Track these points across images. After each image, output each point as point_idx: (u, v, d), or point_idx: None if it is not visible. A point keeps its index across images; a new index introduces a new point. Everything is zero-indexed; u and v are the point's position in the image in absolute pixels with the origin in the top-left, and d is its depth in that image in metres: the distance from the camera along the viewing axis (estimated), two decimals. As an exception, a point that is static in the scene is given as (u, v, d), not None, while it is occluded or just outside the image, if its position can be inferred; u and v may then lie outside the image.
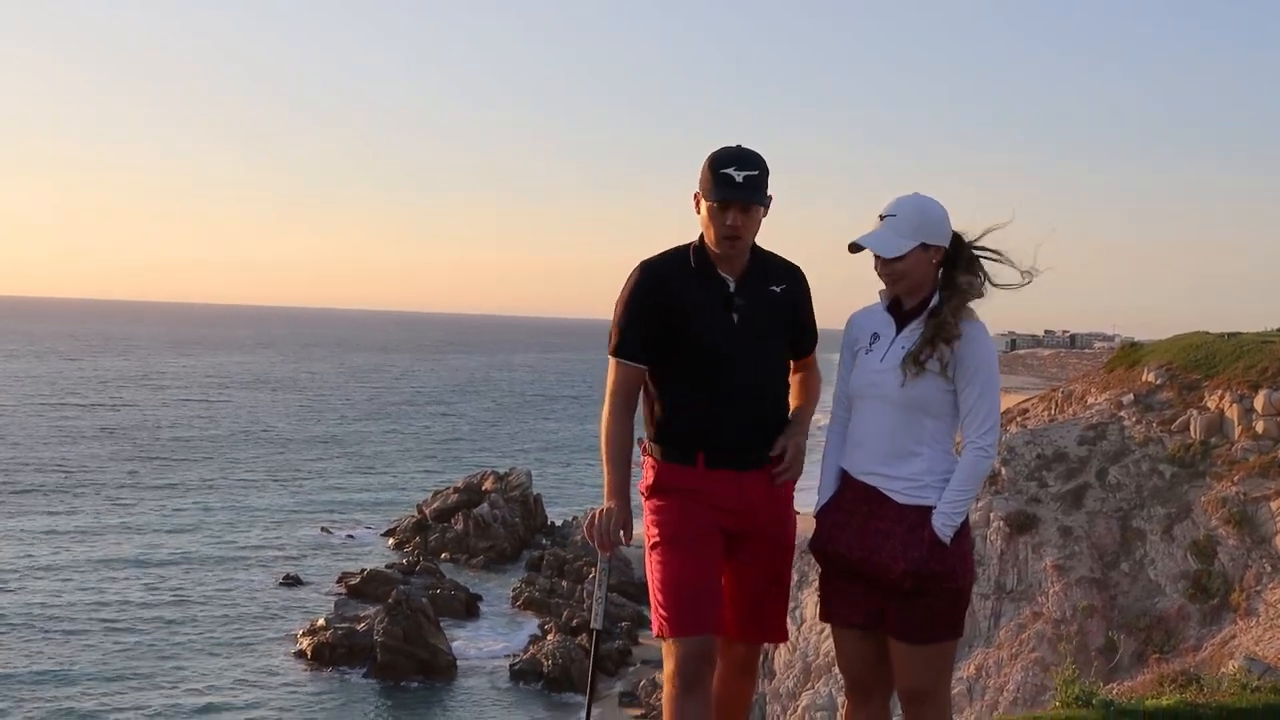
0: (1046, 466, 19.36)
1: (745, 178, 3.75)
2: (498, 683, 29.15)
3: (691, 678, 3.81)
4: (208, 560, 39.65)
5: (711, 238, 3.85)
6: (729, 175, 3.75)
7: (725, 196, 3.75)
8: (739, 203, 3.76)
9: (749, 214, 3.80)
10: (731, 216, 3.77)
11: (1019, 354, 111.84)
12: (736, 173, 3.74)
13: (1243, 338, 21.28)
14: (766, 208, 3.86)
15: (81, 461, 57.82)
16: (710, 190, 3.77)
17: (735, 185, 3.75)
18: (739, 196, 3.75)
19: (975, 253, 3.79)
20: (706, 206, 3.81)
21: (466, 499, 44.01)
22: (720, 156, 3.78)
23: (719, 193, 3.75)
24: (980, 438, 3.65)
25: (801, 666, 18.89)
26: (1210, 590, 16.58)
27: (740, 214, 3.78)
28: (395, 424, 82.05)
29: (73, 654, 29.45)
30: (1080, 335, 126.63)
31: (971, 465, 3.66)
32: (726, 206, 3.77)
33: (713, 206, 3.78)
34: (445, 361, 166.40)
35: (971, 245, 3.79)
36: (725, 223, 3.77)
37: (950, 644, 3.76)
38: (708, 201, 3.80)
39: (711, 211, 3.79)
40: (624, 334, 3.91)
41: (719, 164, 3.77)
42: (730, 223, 3.77)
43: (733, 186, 3.74)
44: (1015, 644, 17.11)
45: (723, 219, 3.78)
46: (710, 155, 3.81)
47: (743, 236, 3.82)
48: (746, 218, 3.80)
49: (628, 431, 3.95)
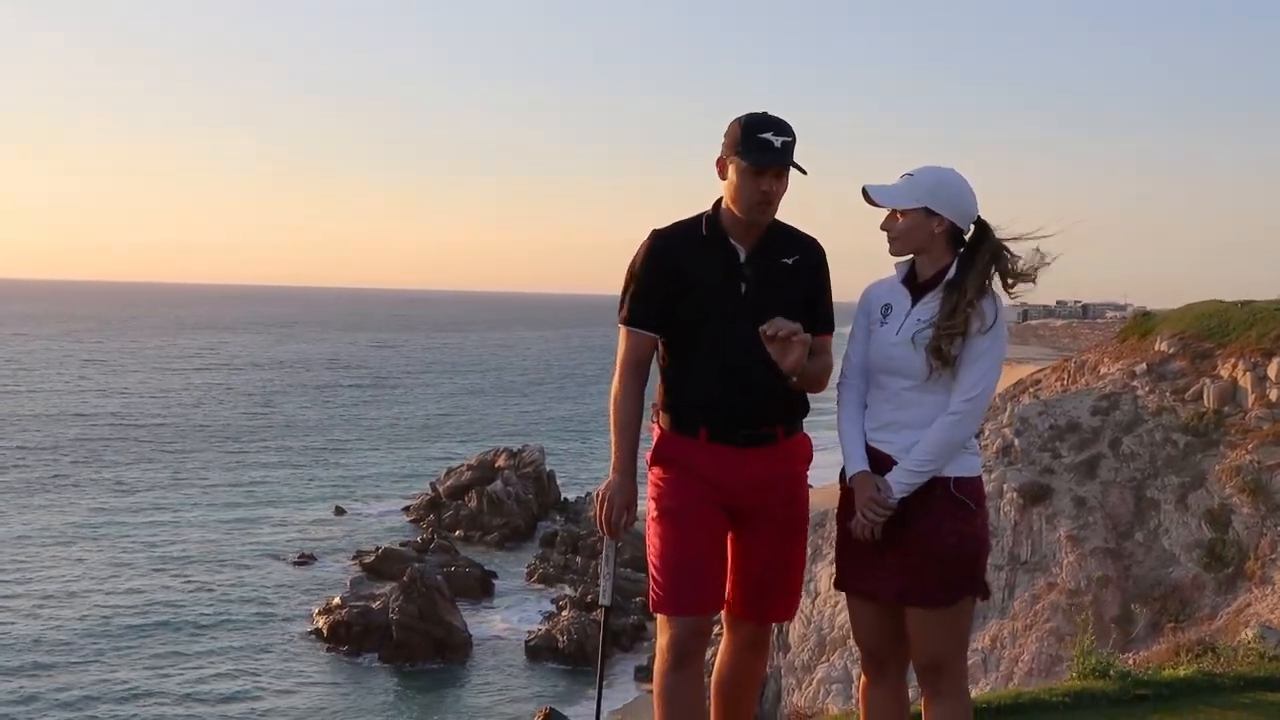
0: (1060, 437, 19.30)
1: (783, 143, 3.67)
2: (513, 659, 29.26)
3: (684, 654, 3.79)
4: (222, 540, 39.79)
5: (740, 203, 3.74)
6: (767, 140, 3.66)
7: (763, 161, 3.67)
8: (777, 167, 3.69)
9: (781, 180, 3.73)
10: (767, 182, 3.70)
11: (1031, 324, 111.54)
12: (775, 138, 3.66)
13: (1256, 305, 21.14)
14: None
15: (91, 443, 57.99)
16: (747, 153, 3.67)
17: (774, 150, 3.66)
18: (778, 160, 3.67)
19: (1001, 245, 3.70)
20: (739, 169, 3.70)
21: (480, 476, 44.08)
22: (756, 121, 3.69)
23: (756, 157, 3.66)
24: (962, 404, 3.60)
25: (816, 640, 18.91)
26: (1225, 559, 16.54)
27: (775, 180, 3.71)
28: (407, 402, 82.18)
29: (87, 634, 29.61)
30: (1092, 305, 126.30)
31: (940, 429, 3.61)
32: (763, 171, 3.69)
33: (747, 170, 3.68)
34: (457, 339, 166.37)
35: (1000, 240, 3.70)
36: (760, 188, 3.70)
37: (967, 614, 3.75)
38: (742, 163, 3.69)
39: (745, 175, 3.69)
40: (633, 303, 3.86)
41: (756, 128, 3.68)
42: (765, 188, 3.70)
43: (771, 151, 3.66)
44: (1030, 615, 17.11)
45: (758, 184, 3.69)
46: (742, 119, 3.71)
47: (774, 203, 3.75)
48: (779, 184, 3.72)
49: (637, 403, 3.88)
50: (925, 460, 3.61)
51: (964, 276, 3.65)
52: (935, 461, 3.61)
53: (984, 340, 3.60)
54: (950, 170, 3.71)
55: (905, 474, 3.62)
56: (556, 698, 26.39)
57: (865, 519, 3.64)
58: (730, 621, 4.02)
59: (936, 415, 3.64)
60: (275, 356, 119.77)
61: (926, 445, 3.61)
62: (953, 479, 3.65)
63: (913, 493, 3.64)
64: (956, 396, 3.62)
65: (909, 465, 3.62)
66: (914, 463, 3.62)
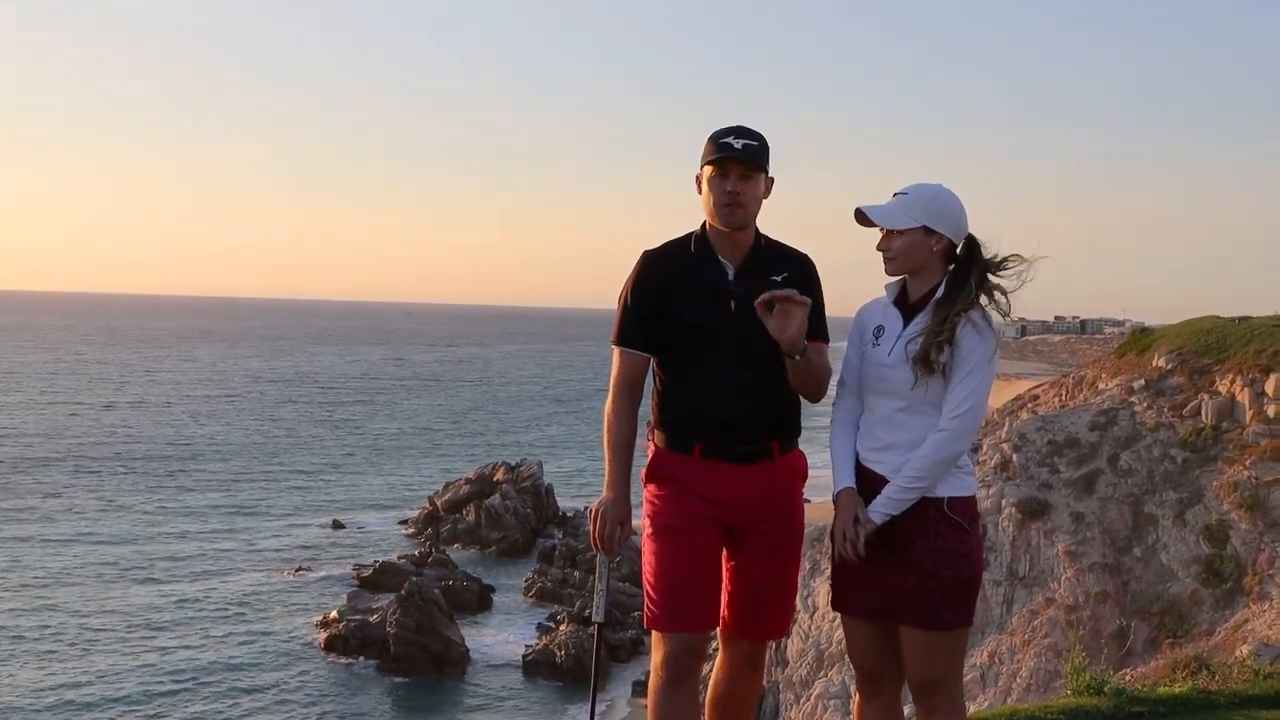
0: (1058, 452, 19.31)
1: (744, 145, 3.75)
2: (510, 674, 29.20)
3: (678, 672, 3.80)
4: (220, 552, 39.75)
5: (712, 211, 3.82)
6: (728, 143, 3.75)
7: (720, 155, 3.75)
8: (737, 162, 3.75)
9: (749, 182, 3.78)
10: (731, 181, 3.76)
11: (1029, 340, 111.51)
12: (735, 140, 3.75)
13: (1254, 321, 21.16)
14: (768, 188, 3.84)
15: (86, 457, 57.90)
16: (711, 156, 3.78)
17: (733, 149, 3.74)
18: (737, 155, 3.74)
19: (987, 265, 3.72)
20: (707, 176, 3.80)
21: (478, 490, 44.06)
22: (721, 130, 3.80)
23: (717, 157, 3.76)
24: (950, 421, 3.60)
25: (814, 655, 18.89)
26: (1223, 575, 16.54)
27: (740, 180, 3.76)
28: (405, 416, 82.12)
29: (86, 644, 29.55)
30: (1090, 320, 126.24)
31: (932, 447, 3.61)
32: (725, 169, 3.76)
33: (712, 172, 3.77)
34: (455, 353, 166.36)
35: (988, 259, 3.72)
36: (725, 188, 3.76)
37: (962, 632, 3.74)
38: (707, 167, 3.80)
39: (711, 179, 3.79)
40: (625, 323, 3.90)
41: (719, 135, 3.79)
42: (730, 188, 3.75)
43: (731, 150, 3.75)
44: (1028, 631, 17.10)
45: (722, 185, 3.76)
46: (712, 133, 3.82)
47: (745, 205, 3.79)
48: (746, 185, 3.77)
49: (630, 421, 3.91)
50: (916, 478, 3.61)
51: (955, 295, 3.67)
52: (925, 479, 3.61)
53: (974, 355, 3.60)
54: (942, 187, 3.73)
55: (896, 491, 3.62)
56: (553, 713, 26.36)
57: (842, 538, 3.68)
58: (726, 639, 4.03)
59: (921, 432, 3.64)
60: (272, 370, 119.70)
61: (917, 462, 3.61)
62: (946, 499, 3.65)
63: (906, 512, 3.64)
64: (946, 412, 3.62)
65: (900, 482, 3.62)
66: (905, 479, 3.62)
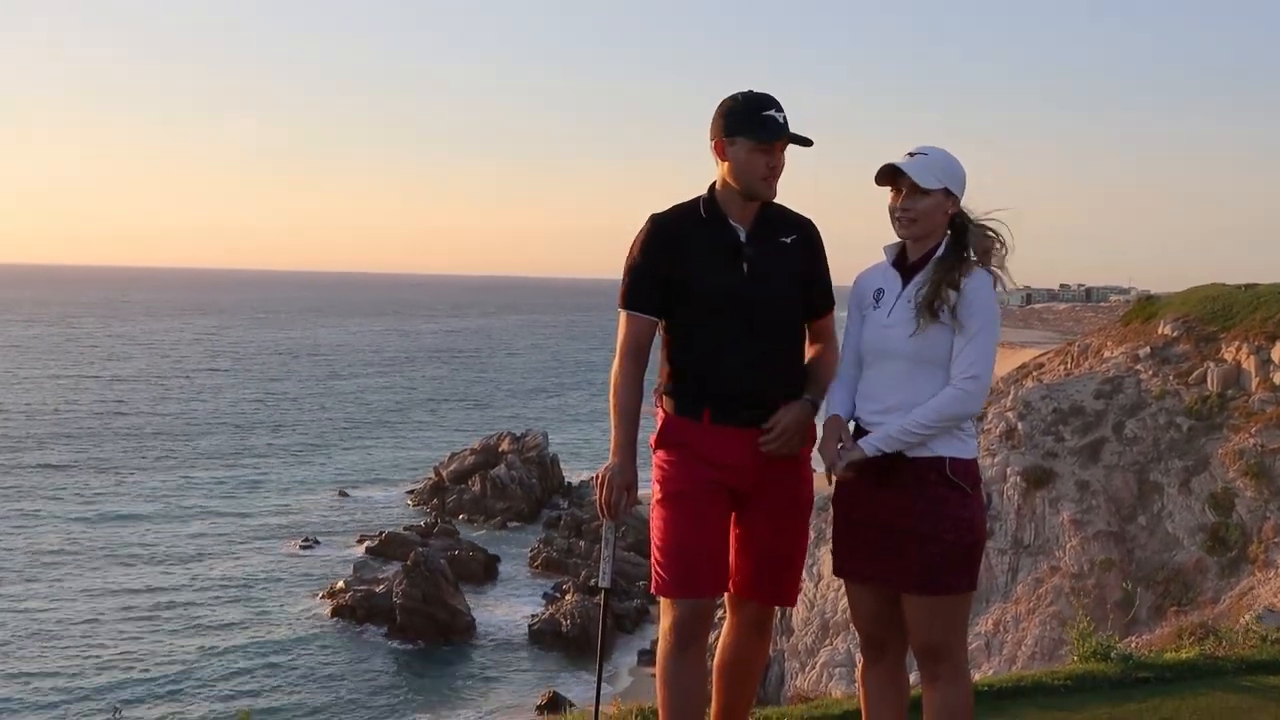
0: (1063, 421, 19.30)
1: (784, 118, 3.78)
2: (516, 643, 29.35)
3: (686, 637, 3.81)
4: (227, 524, 39.93)
5: (749, 178, 3.81)
6: (772, 117, 3.76)
7: (774, 136, 3.76)
8: (784, 142, 3.79)
9: (783, 155, 3.83)
10: (776, 155, 3.79)
11: (1034, 308, 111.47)
12: (777, 114, 3.76)
13: (1259, 289, 21.12)
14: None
15: (92, 430, 58.13)
16: (756, 130, 3.75)
17: (779, 125, 3.76)
18: (786, 134, 3.77)
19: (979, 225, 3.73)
20: (748, 148, 3.77)
21: (483, 460, 44.17)
22: (758, 99, 3.78)
23: (766, 133, 3.75)
24: (962, 380, 3.59)
25: (819, 623, 18.95)
26: (1228, 542, 16.56)
27: (781, 154, 3.81)
28: (410, 387, 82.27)
29: (95, 618, 29.74)
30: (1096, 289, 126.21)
31: (943, 402, 3.60)
32: (771, 147, 3.77)
33: (757, 147, 3.76)
34: (460, 323, 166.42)
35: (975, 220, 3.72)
36: (769, 164, 3.78)
37: (964, 597, 3.72)
38: (750, 141, 3.76)
39: (755, 153, 3.77)
40: (633, 286, 3.88)
41: (760, 107, 3.77)
42: (773, 164, 3.79)
43: (778, 126, 3.76)
44: (1033, 598, 17.13)
45: (768, 160, 3.78)
46: (740, 100, 3.79)
47: (779, 177, 3.84)
48: (782, 159, 3.82)
49: (637, 386, 3.89)
50: (921, 424, 3.59)
51: (958, 251, 3.68)
52: (929, 430, 3.59)
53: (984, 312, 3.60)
54: (946, 150, 3.73)
55: (897, 430, 3.61)
56: (559, 681, 26.48)
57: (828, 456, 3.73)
58: (734, 603, 4.02)
59: (930, 397, 3.62)
60: (275, 342, 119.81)
61: (927, 411, 3.59)
62: (948, 459, 3.63)
63: (907, 476, 3.63)
64: (959, 371, 3.60)
65: (905, 424, 3.60)
66: (911, 423, 3.59)
